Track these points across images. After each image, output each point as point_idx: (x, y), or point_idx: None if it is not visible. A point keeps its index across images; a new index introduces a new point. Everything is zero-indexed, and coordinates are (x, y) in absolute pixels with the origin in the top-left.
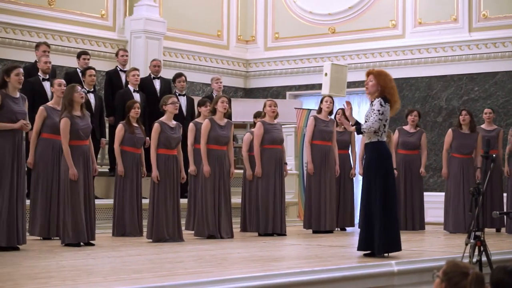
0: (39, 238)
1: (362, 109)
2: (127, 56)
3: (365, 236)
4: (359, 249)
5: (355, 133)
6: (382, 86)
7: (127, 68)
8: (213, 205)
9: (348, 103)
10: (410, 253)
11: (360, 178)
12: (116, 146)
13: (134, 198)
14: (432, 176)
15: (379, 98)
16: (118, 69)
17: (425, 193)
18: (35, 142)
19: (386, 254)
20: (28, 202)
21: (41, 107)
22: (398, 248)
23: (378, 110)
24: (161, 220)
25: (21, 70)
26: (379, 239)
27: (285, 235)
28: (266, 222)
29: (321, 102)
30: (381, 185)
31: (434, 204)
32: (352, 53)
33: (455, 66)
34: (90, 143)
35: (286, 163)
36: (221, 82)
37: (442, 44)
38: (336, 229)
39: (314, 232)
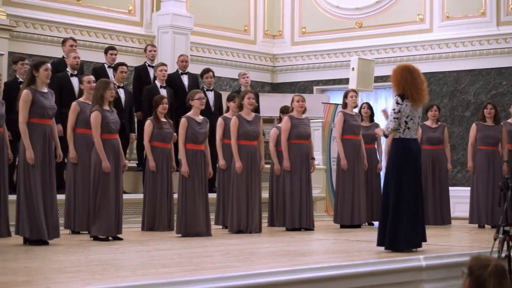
0: (69, 232)
1: (390, 104)
2: (155, 51)
3: (382, 232)
4: (378, 244)
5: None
6: (398, 82)
7: (155, 63)
8: (245, 200)
9: (384, 112)
10: (438, 248)
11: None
12: (146, 142)
13: (164, 192)
14: (460, 171)
15: (396, 96)
16: (147, 64)
17: (452, 188)
18: (72, 137)
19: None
20: (64, 196)
21: (74, 103)
22: (404, 246)
23: (393, 109)
24: (190, 215)
25: (49, 65)
26: (387, 234)
27: (312, 229)
28: (294, 217)
29: (346, 97)
30: (394, 181)
31: (462, 199)
32: (379, 48)
33: (483, 60)
34: (118, 138)
35: (313, 158)
36: (248, 77)
37: (470, 38)
38: (364, 224)
39: (341, 226)
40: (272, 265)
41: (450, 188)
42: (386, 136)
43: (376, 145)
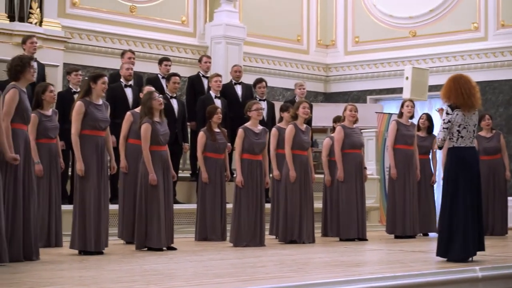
0: (123, 242)
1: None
2: (210, 62)
3: (441, 242)
4: (437, 254)
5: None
6: (448, 92)
7: (209, 74)
8: (297, 210)
9: (441, 110)
10: (494, 258)
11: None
12: (199, 153)
13: (218, 203)
14: None
15: (446, 107)
16: (201, 74)
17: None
18: (124, 147)
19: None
20: (117, 206)
21: (128, 113)
22: (461, 256)
23: (443, 120)
24: (244, 225)
25: (107, 78)
26: (445, 244)
27: (366, 240)
28: (347, 227)
29: (402, 106)
30: (450, 190)
31: None
32: (433, 57)
33: None
34: (167, 149)
35: (365, 168)
36: (304, 89)
37: None
38: (419, 234)
39: (396, 237)
40: (325, 276)
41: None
42: (440, 148)
43: (430, 156)
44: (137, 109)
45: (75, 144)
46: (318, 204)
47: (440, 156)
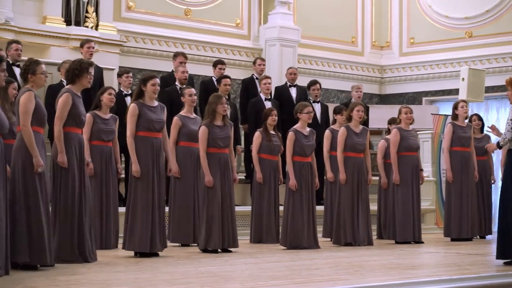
0: (178, 244)
1: (502, 115)
2: (264, 65)
3: (500, 244)
4: (497, 257)
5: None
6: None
7: None
8: (351, 212)
9: (493, 127)
10: None
11: (499, 184)
12: (254, 153)
13: (272, 205)
14: None
15: None
16: (254, 77)
17: None
18: (174, 151)
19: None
20: (167, 209)
21: (175, 117)
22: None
23: (511, 119)
24: (297, 227)
25: (157, 80)
26: (506, 246)
27: (422, 242)
28: (403, 230)
29: (456, 108)
30: (510, 192)
31: None
32: (490, 57)
33: None
34: (231, 153)
35: (422, 170)
36: (361, 92)
37: None
38: (476, 237)
39: (452, 239)
40: (381, 278)
41: None
42: (500, 147)
43: (487, 157)
44: (183, 112)
45: (130, 146)
46: (373, 207)
47: (497, 156)
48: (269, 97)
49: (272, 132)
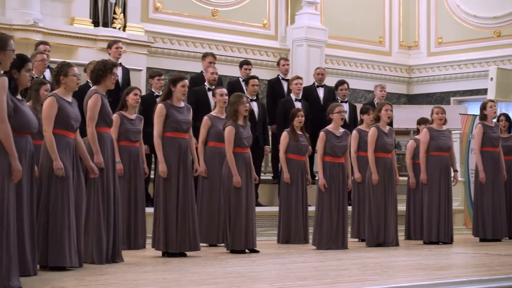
0: (205, 244)
1: None
2: (288, 65)
3: None
4: None
5: None
6: None
7: (289, 76)
8: (384, 213)
9: None
10: None
11: None
12: (282, 153)
13: (300, 205)
14: None
15: None
16: (280, 77)
17: None
18: (203, 151)
19: None
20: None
21: (205, 117)
22: None
23: None
24: (327, 228)
25: (187, 81)
26: None
27: (451, 243)
28: (431, 230)
29: (484, 108)
30: None
31: None
32: None
33: None
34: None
35: (456, 171)
36: (385, 91)
37: None
38: (505, 237)
39: (481, 240)
40: (409, 279)
41: None
42: None
43: None
44: (214, 112)
45: (157, 146)
46: (402, 207)
47: None
48: (299, 97)
49: (300, 133)
